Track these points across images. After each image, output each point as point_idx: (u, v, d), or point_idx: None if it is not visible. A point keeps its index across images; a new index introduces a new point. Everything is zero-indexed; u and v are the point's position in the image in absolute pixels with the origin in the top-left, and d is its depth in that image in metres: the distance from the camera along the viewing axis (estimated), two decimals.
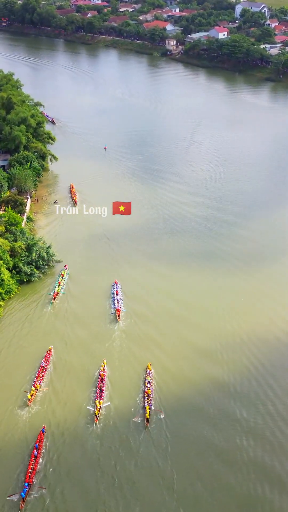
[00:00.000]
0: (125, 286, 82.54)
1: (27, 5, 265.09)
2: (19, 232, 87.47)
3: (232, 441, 57.98)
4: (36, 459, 54.75)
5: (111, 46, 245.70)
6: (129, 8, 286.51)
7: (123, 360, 68.52)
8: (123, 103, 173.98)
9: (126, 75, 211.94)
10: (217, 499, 52.14)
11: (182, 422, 60.17)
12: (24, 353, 69.96)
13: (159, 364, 67.69)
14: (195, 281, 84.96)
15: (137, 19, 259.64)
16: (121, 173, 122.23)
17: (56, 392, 63.81)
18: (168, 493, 52.37)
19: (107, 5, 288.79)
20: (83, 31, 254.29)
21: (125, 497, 52.10)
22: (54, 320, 76.18)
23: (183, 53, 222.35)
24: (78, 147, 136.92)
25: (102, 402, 61.28)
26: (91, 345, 71.09)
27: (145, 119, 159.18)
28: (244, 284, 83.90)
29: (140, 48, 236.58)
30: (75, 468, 54.91)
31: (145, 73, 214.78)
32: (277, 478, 54.58)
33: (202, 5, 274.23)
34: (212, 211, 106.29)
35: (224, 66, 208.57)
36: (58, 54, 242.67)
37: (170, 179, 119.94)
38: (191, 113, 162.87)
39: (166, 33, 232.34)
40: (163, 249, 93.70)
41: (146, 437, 58.07)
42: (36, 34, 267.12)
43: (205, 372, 67.18)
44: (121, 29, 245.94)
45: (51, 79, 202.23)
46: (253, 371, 67.38)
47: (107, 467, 54.85)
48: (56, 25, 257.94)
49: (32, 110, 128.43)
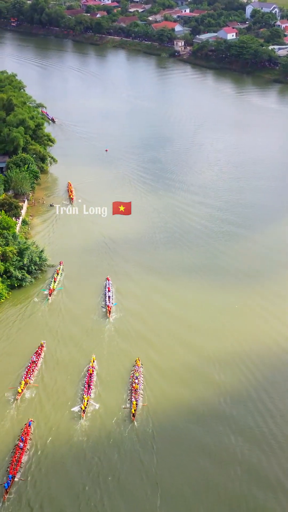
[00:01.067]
0: (123, 297, 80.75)
1: (36, 5, 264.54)
2: (11, 236, 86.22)
3: (220, 440, 57.89)
4: (21, 451, 55.12)
5: (119, 47, 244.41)
6: (139, 9, 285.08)
7: (112, 356, 69.04)
8: (129, 105, 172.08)
9: (133, 77, 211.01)
10: (201, 496, 52.40)
11: (169, 418, 60.40)
12: (16, 348, 70.37)
13: (147, 360, 67.98)
14: (192, 289, 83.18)
15: (146, 19, 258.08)
16: (121, 176, 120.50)
17: (46, 387, 64.12)
18: (151, 489, 52.58)
19: (117, 5, 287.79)
20: (92, 31, 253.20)
21: (109, 492, 52.42)
22: (48, 316, 76.71)
23: (191, 54, 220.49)
24: (79, 149, 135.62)
25: (90, 398, 61.73)
26: (82, 340, 71.64)
27: (151, 122, 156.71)
28: (243, 297, 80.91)
29: (148, 49, 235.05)
30: (60, 461, 55.21)
31: (153, 74, 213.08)
32: (265, 477, 54.26)
33: (213, 6, 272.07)
34: (218, 219, 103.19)
35: (232, 68, 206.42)
36: (66, 55, 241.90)
37: (175, 184, 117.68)
38: (198, 116, 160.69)
39: (174, 34, 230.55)
40: (162, 258, 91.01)
41: (132, 432, 58.37)
42: (44, 35, 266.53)
43: (195, 369, 67.15)
44: (130, 30, 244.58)
45: (58, 81, 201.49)
46: (244, 370, 67.23)
47: (92, 462, 55.17)
48: (65, 25, 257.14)
49: (33, 111, 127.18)
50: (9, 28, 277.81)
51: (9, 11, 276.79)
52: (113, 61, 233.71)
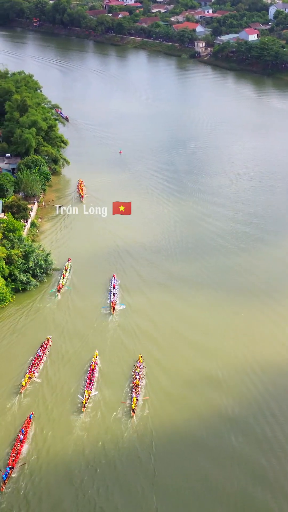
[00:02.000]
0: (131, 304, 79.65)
1: (58, 5, 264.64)
2: (17, 239, 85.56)
3: (220, 440, 58.03)
4: (21, 443, 56.20)
5: (140, 48, 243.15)
6: (162, 9, 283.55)
7: (115, 352, 69.82)
8: (148, 107, 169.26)
9: (153, 78, 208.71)
10: (197, 492, 52.84)
11: (169, 415, 60.80)
12: (23, 342, 71.73)
13: (150, 357, 68.56)
14: (201, 293, 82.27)
15: (168, 20, 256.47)
16: (133, 178, 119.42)
17: (49, 381, 65.24)
18: (147, 484, 53.15)
19: (140, 5, 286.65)
20: (113, 32, 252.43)
21: (106, 485, 53.12)
22: (57, 312, 78.08)
23: (211, 55, 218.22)
24: (93, 151, 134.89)
25: (91, 392, 62.51)
26: (87, 336, 72.72)
27: (168, 124, 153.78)
28: (253, 308, 78.59)
29: (169, 49, 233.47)
30: (60, 455, 56.03)
31: (173, 75, 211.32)
32: (263, 476, 54.46)
33: (236, 6, 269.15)
34: (234, 229, 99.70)
35: (253, 69, 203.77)
36: (87, 55, 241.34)
37: (190, 188, 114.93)
38: (217, 118, 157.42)
39: (195, 35, 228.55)
40: (175, 266, 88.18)
41: (131, 427, 58.94)
42: (66, 35, 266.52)
43: (198, 368, 67.32)
44: (151, 30, 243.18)
45: (78, 82, 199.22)
46: (247, 368, 67.18)
47: (90, 455, 55.81)
48: (86, 25, 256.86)
49: (47, 113, 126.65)
50: (31, 28, 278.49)
51: (32, 12, 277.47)
52: (134, 62, 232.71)
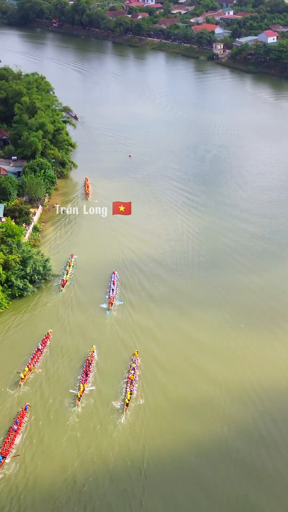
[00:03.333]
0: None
1: (77, 6, 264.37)
2: (15, 244, 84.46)
3: (213, 435, 58.97)
4: (15, 433, 57.78)
5: (158, 49, 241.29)
6: (182, 10, 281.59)
7: (112, 347, 71.12)
8: (162, 111, 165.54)
9: (170, 81, 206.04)
10: (184, 486, 53.77)
11: (162, 411, 61.82)
12: (25, 336, 73.42)
13: (146, 352, 69.74)
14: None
15: (188, 21, 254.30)
16: (139, 181, 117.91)
17: (48, 374, 66.84)
18: (136, 474, 54.67)
19: (161, 6, 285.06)
20: (132, 33, 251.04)
21: (96, 474, 54.71)
22: (59, 306, 79.72)
23: (229, 58, 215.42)
24: (102, 153, 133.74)
25: (86, 386, 63.94)
26: (86, 331, 74.21)
27: (182, 129, 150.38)
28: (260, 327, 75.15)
29: (187, 51, 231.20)
30: (53, 445, 57.62)
31: (190, 78, 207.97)
32: (255, 472, 55.26)
33: (257, 8, 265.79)
34: (257, 241, 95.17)
35: (271, 72, 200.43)
36: (105, 57, 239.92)
37: (209, 197, 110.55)
38: (233, 123, 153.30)
39: (214, 37, 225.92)
40: (184, 284, 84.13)
41: (124, 420, 60.26)
42: (85, 36, 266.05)
43: (195, 364, 68.26)
44: (170, 32, 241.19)
45: (95, 85, 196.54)
46: (246, 368, 67.44)
47: (82, 446, 57.37)
48: (105, 26, 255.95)
49: (56, 115, 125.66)
50: (50, 29, 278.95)
51: (51, 12, 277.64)
52: (151, 64, 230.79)
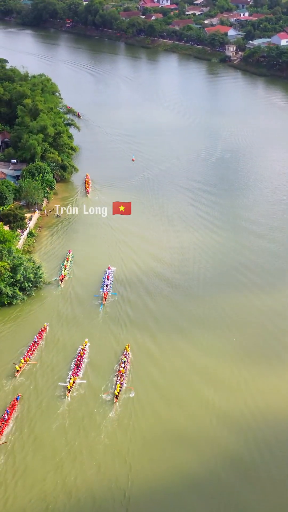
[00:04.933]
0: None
1: (90, 6, 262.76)
2: (6, 250, 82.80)
3: (198, 423, 60.41)
4: (5, 423, 59.37)
5: (171, 51, 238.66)
6: (197, 11, 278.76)
7: (104, 340, 72.69)
8: (171, 115, 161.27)
9: (182, 84, 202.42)
10: (168, 479, 54.63)
11: (151, 403, 63.09)
12: (22, 329, 75.28)
13: (137, 346, 71.31)
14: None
15: (202, 23, 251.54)
16: (148, 189, 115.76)
17: (42, 366, 68.46)
18: (121, 464, 55.95)
19: (176, 7, 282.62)
20: (144, 34, 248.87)
21: (83, 463, 56.11)
22: (57, 300, 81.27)
23: (242, 60, 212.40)
24: (105, 156, 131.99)
25: (77, 378, 65.55)
26: (81, 324, 75.99)
27: (190, 134, 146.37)
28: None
29: (199, 53, 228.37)
30: (42, 435, 59.13)
31: (203, 81, 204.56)
32: (244, 468, 55.75)
33: (273, 10, 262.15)
34: (277, 260, 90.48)
35: (283, 75, 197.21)
36: (117, 59, 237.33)
37: (223, 210, 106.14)
38: (247, 129, 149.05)
39: (227, 39, 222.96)
40: (192, 305, 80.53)
41: (113, 413, 61.55)
42: (98, 36, 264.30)
43: (187, 357, 69.70)
44: (182, 33, 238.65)
45: (106, 87, 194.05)
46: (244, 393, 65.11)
47: (71, 436, 58.94)
48: (118, 27, 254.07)
49: (58, 118, 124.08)
50: (64, 29, 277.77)
51: (65, 12, 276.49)
52: (163, 66, 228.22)
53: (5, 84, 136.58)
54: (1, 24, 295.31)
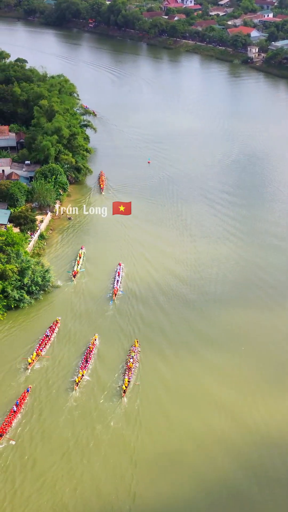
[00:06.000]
0: None
1: (113, 6, 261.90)
2: (14, 253, 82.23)
3: (206, 423, 60.55)
4: (14, 414, 60.67)
5: (193, 52, 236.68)
6: (221, 12, 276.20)
7: (113, 335, 73.67)
8: (189, 119, 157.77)
9: (204, 86, 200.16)
10: (175, 472, 55.18)
11: (158, 399, 63.61)
12: (36, 323, 76.80)
13: (146, 342, 72.09)
14: None
15: (225, 23, 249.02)
16: (163, 191, 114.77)
17: (54, 359, 69.57)
18: (127, 458, 56.64)
19: (199, 8, 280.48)
20: (166, 34, 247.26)
21: (89, 456, 56.86)
22: (70, 295, 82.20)
23: (264, 62, 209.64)
24: (122, 158, 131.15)
25: (85, 372, 66.46)
26: (92, 319, 77.15)
27: (207, 138, 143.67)
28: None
29: (222, 54, 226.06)
30: (50, 426, 60.19)
31: (224, 83, 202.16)
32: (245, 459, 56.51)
33: None
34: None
35: None
36: (139, 59, 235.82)
37: (247, 223, 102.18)
38: (271, 135, 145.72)
39: (249, 40, 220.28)
40: (206, 323, 77.36)
41: (120, 407, 62.42)
42: (121, 37, 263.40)
43: (195, 352, 70.72)
44: (205, 34, 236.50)
45: (127, 89, 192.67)
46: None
47: (78, 428, 59.81)
48: (140, 27, 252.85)
49: (74, 119, 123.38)
50: (87, 29, 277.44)
51: (88, 12, 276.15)
52: (184, 67, 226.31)
53: (22, 85, 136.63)
54: (24, 24, 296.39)
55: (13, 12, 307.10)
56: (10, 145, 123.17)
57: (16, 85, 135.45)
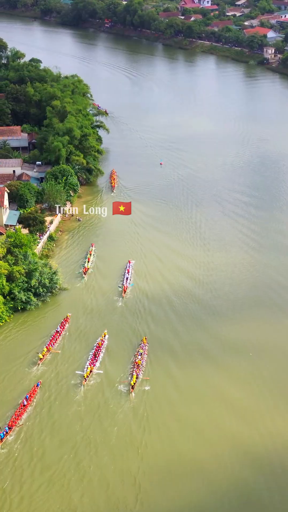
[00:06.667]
0: None
1: (129, 7, 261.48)
2: (22, 254, 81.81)
3: (214, 419, 60.49)
4: (24, 408, 61.34)
5: (208, 52, 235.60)
6: (237, 13, 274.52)
7: (122, 332, 74.29)
8: (203, 122, 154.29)
9: (219, 87, 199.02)
10: (183, 473, 54.91)
11: (166, 396, 63.62)
12: (46, 319, 77.58)
13: (154, 339, 72.39)
14: None
15: (241, 24, 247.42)
16: (175, 193, 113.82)
17: (64, 354, 70.17)
18: (133, 453, 56.79)
19: (216, 8, 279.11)
20: (182, 35, 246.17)
21: (96, 449, 57.23)
22: (84, 292, 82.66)
23: (280, 63, 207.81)
24: (135, 159, 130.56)
25: (94, 367, 67.02)
26: (101, 315, 77.80)
27: (232, 143, 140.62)
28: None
29: (237, 55, 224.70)
30: (58, 420, 60.58)
31: (240, 84, 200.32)
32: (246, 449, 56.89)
33: None
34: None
35: None
36: (154, 60, 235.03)
37: (268, 228, 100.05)
38: (277, 142, 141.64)
39: (266, 41, 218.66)
40: (225, 329, 75.39)
41: (128, 402, 62.70)
42: (137, 37, 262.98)
43: (201, 347, 71.05)
44: (221, 35, 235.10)
45: (141, 90, 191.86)
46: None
47: (85, 424, 60.04)
48: (156, 28, 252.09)
49: (86, 120, 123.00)
50: (103, 29, 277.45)
51: (104, 12, 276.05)
52: (200, 68, 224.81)
53: (36, 85, 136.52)
54: (41, 24, 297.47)
55: (30, 11, 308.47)
56: (22, 145, 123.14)
57: (29, 85, 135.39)
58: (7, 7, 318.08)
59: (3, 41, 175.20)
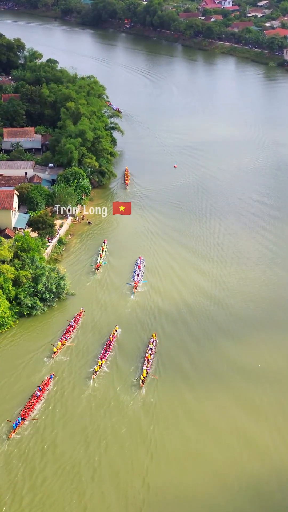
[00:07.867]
0: None
1: (149, 7, 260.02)
2: (29, 259, 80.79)
3: (225, 417, 60.63)
4: (37, 399, 62.14)
5: (228, 54, 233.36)
6: (259, 14, 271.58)
7: (133, 327, 74.91)
8: (226, 128, 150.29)
9: (238, 90, 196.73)
10: (190, 467, 55.37)
11: (176, 391, 64.06)
12: (60, 313, 78.74)
13: (164, 335, 73.23)
14: None
15: (262, 25, 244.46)
16: (188, 197, 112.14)
17: (77, 348, 71.10)
18: (142, 446, 57.39)
19: (237, 9, 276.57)
20: (202, 36, 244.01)
21: (106, 442, 57.88)
22: (95, 287, 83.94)
23: None
24: (149, 162, 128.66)
25: (104, 362, 67.79)
26: (114, 310, 78.58)
27: (248, 148, 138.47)
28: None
29: (257, 57, 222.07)
30: (70, 413, 61.13)
31: (259, 87, 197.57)
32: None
33: None
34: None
35: None
36: (173, 61, 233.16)
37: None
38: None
39: (286, 42, 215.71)
40: (244, 351, 72.00)
41: (138, 396, 63.19)
42: (156, 37, 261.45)
43: (213, 344, 71.62)
44: (241, 36, 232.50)
45: (159, 92, 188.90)
46: None
47: (96, 417, 60.78)
48: (175, 28, 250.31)
49: (99, 122, 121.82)
50: (122, 30, 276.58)
51: (124, 13, 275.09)
52: (219, 69, 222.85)
53: (51, 86, 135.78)
54: (61, 23, 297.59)
55: (50, 11, 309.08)
56: (35, 147, 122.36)
57: (44, 86, 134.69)
58: (28, 7, 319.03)
59: (20, 41, 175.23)
